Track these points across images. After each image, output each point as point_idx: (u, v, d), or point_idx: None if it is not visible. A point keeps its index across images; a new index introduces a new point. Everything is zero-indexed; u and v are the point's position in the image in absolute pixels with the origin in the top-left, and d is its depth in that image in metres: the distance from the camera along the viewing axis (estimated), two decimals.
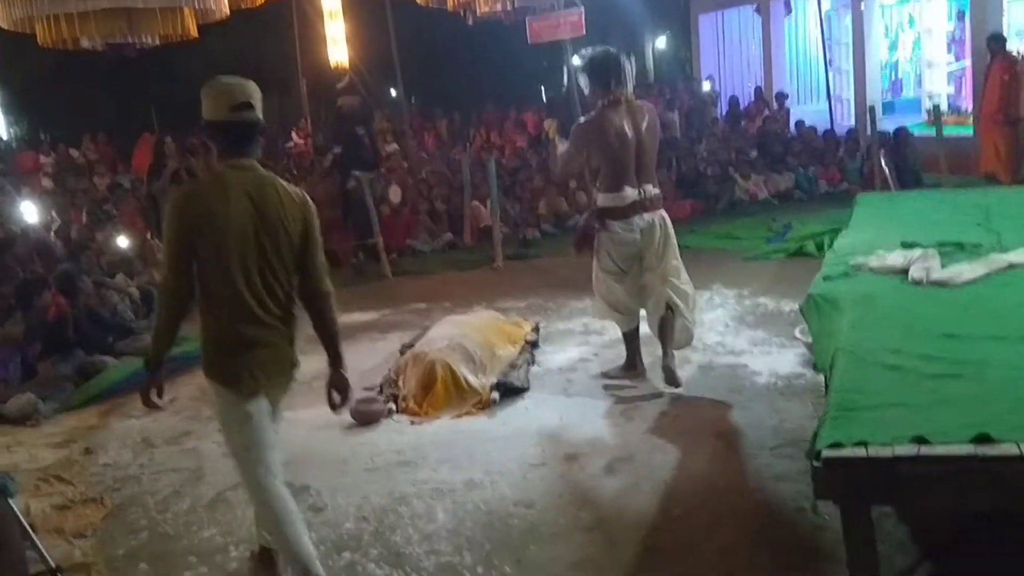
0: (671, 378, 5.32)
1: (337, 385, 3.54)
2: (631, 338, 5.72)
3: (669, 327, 5.36)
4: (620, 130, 5.20)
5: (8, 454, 5.48)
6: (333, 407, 3.56)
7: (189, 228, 3.19)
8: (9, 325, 6.44)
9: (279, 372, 3.40)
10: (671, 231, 5.41)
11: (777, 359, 5.88)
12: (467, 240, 11.66)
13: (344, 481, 4.60)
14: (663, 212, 5.41)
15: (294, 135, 17.61)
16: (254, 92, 3.33)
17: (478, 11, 12.51)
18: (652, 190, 5.32)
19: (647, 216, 5.30)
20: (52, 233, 10.91)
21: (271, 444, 3.40)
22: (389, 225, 11.00)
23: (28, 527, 3.79)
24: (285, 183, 3.42)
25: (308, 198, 3.45)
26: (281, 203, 3.31)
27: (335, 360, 3.53)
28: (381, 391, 5.76)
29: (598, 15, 13.28)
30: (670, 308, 5.37)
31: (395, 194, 11.93)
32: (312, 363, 3.78)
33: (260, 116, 3.33)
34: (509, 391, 5.65)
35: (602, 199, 5.35)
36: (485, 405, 5.51)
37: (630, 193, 5.26)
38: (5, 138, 22.70)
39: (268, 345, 3.31)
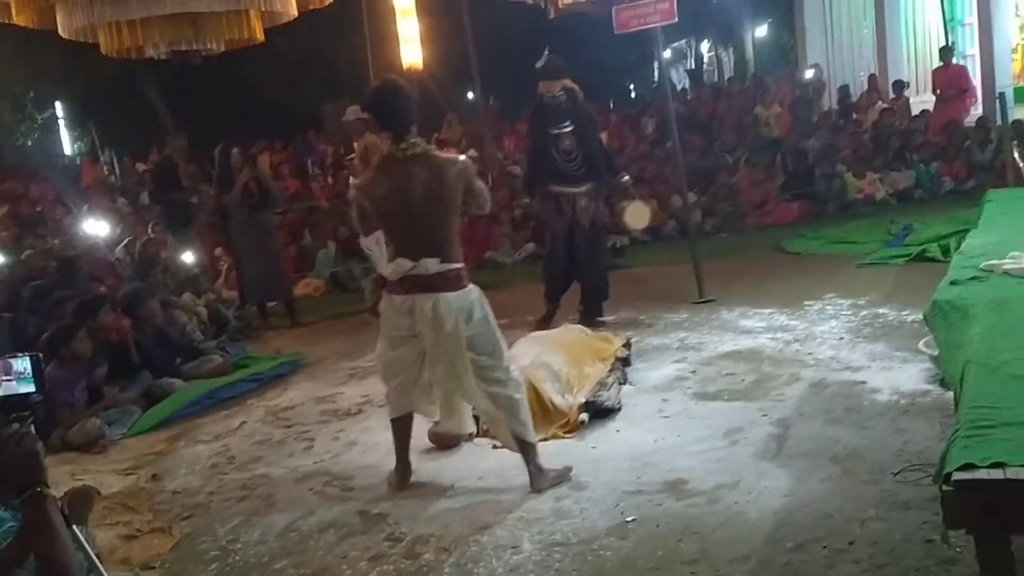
0: (531, 481, 4.75)
1: None
2: (398, 431, 5.04)
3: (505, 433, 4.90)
4: (391, 192, 4.66)
5: (73, 482, 5.66)
6: None
7: None
8: (74, 344, 6.64)
9: None
10: (479, 317, 4.72)
11: (899, 375, 5.75)
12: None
13: (423, 509, 4.65)
14: (462, 293, 4.71)
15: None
16: None
17: (560, 3, 12.55)
18: (436, 265, 4.64)
19: (424, 299, 4.65)
20: (122, 249, 11.24)
21: None
22: (466, 236, 11.05)
23: (95, 557, 3.90)
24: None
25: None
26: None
27: None
28: None
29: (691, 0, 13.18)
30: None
31: None
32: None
33: None
34: (599, 412, 5.62)
35: (385, 267, 4.94)
36: (573, 428, 5.50)
37: (403, 265, 4.67)
38: (69, 153, 23.60)
39: None
